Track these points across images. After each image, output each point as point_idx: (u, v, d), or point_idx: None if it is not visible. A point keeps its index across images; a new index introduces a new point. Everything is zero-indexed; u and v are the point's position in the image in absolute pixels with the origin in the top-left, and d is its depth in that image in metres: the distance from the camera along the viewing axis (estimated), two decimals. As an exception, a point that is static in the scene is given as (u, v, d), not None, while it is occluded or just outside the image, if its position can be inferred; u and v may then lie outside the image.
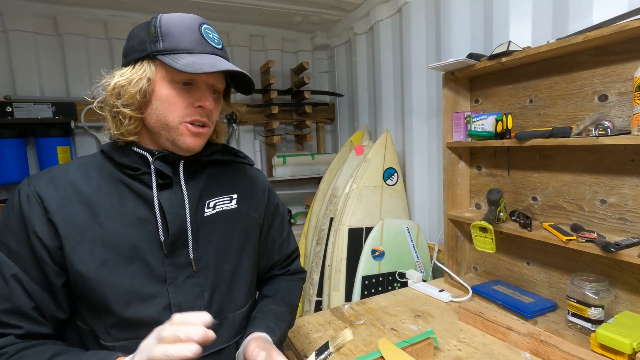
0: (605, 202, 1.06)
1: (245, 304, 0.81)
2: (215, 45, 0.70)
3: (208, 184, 0.78)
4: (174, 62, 0.63)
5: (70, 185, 0.67)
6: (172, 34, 0.65)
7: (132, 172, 0.69)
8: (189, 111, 0.68)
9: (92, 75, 2.14)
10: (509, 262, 1.38)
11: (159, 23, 0.66)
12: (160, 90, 0.67)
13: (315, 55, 2.84)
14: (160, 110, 0.67)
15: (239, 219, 0.80)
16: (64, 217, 0.64)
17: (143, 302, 0.67)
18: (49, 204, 0.64)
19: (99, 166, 0.71)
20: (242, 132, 2.59)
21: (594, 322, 0.99)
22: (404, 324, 1.20)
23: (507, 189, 1.34)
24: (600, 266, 1.09)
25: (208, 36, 0.69)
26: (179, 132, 0.68)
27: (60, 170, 0.69)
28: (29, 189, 0.65)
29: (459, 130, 1.39)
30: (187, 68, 0.62)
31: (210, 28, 0.71)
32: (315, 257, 1.90)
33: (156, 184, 0.69)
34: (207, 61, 0.65)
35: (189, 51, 0.66)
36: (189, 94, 0.68)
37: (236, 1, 2.07)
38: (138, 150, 0.70)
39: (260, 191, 0.87)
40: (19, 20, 1.94)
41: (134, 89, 0.65)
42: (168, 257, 0.69)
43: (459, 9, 1.56)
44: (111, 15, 2.13)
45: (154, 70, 0.66)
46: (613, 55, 1.01)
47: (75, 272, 0.64)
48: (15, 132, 1.86)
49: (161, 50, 0.65)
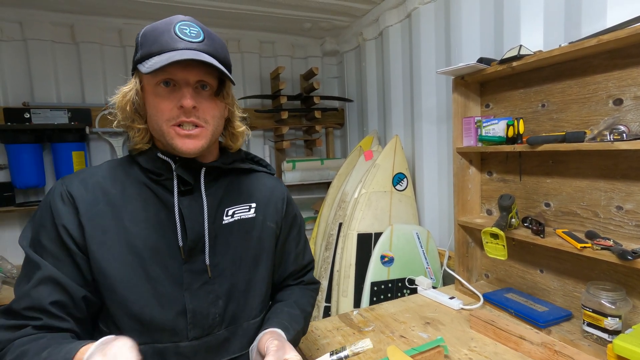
0: (622, 209, 1.04)
1: (260, 313, 0.81)
2: (191, 39, 0.65)
3: (228, 191, 0.79)
4: (143, 67, 0.64)
5: (99, 187, 0.70)
6: (147, 40, 0.66)
7: (155, 177, 0.71)
8: (173, 113, 0.66)
9: (107, 82, 2.19)
10: (521, 270, 1.35)
11: (140, 34, 0.68)
12: (148, 98, 0.68)
13: (324, 61, 2.85)
14: (152, 117, 0.69)
15: (257, 228, 0.80)
16: (91, 218, 0.67)
17: (160, 306, 0.68)
18: (79, 204, 0.67)
19: (126, 169, 0.74)
20: (252, 137, 2.61)
21: (610, 332, 0.96)
22: (414, 332, 1.18)
23: (519, 195, 1.32)
24: (617, 275, 1.06)
25: (183, 32, 0.65)
26: (170, 136, 0.67)
27: (91, 173, 0.72)
28: (62, 188, 0.68)
29: (470, 135, 1.38)
30: (149, 69, 0.61)
31: (188, 23, 0.67)
32: (324, 262, 1.89)
33: (177, 190, 0.71)
34: (173, 56, 0.62)
35: (159, 52, 0.64)
36: (172, 96, 0.66)
37: (246, 9, 2.10)
38: (162, 156, 0.71)
39: (279, 201, 0.87)
40: (37, 30, 2.00)
41: (123, 102, 0.68)
42: (185, 262, 0.70)
43: (469, 14, 1.55)
44: (125, 23, 2.18)
45: (138, 81, 0.68)
46: (628, 59, 0.99)
47: (98, 271, 0.66)
48: (33, 137, 1.92)
49: (138, 59, 0.67)
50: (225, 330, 0.74)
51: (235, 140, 0.80)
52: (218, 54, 0.68)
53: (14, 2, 1.88)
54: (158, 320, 0.67)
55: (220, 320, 0.73)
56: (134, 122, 0.70)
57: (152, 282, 0.67)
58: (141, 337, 0.67)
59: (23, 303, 0.62)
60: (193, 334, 0.70)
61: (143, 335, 0.67)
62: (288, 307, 0.84)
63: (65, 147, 1.97)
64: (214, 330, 0.72)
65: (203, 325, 0.71)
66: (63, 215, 0.66)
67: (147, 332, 0.67)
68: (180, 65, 0.64)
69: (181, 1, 1.95)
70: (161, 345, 0.68)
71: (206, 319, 0.71)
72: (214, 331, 0.72)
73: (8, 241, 2.00)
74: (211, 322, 0.72)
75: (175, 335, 0.69)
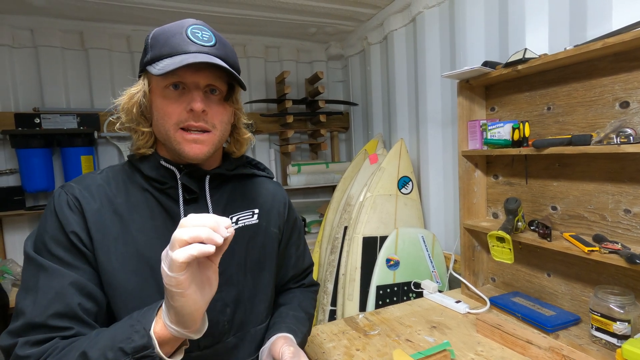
0: (630, 212, 1.03)
1: (266, 319, 0.81)
2: (203, 43, 0.65)
3: (231, 198, 0.78)
4: (153, 68, 0.62)
5: (104, 195, 0.68)
6: (157, 42, 0.65)
7: (159, 185, 0.70)
8: (182, 117, 0.65)
9: (115, 87, 2.23)
10: (528, 274, 1.34)
11: (150, 35, 0.67)
12: (156, 101, 0.66)
13: (329, 65, 2.87)
14: (159, 120, 0.67)
15: (260, 234, 0.80)
16: (99, 227, 0.64)
17: None
18: (87, 212, 0.64)
19: (128, 177, 0.72)
20: (258, 141, 2.63)
21: (619, 337, 0.95)
22: (420, 335, 1.18)
23: (525, 198, 1.32)
24: (625, 279, 1.05)
25: (195, 35, 0.65)
26: (177, 140, 0.66)
27: (92, 180, 0.70)
28: (67, 197, 0.65)
29: (475, 139, 1.38)
30: (160, 70, 0.60)
31: (200, 27, 0.66)
32: (329, 266, 1.89)
33: (182, 198, 0.70)
34: (185, 59, 0.61)
35: (170, 55, 0.63)
36: (181, 99, 0.65)
37: (252, 14, 2.12)
38: (165, 165, 0.70)
39: (280, 205, 0.87)
40: (48, 37, 2.04)
41: (130, 104, 0.67)
42: None
43: (473, 17, 1.55)
44: (134, 30, 2.22)
45: (146, 83, 0.67)
46: (635, 61, 0.98)
47: (107, 282, 0.64)
48: (43, 142, 1.95)
49: (148, 60, 0.66)
50: (234, 337, 0.73)
51: (240, 146, 0.80)
52: (229, 59, 0.67)
53: (25, 10, 1.92)
54: None
55: (228, 328, 0.72)
56: (139, 125, 0.68)
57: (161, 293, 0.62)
58: None
59: (50, 310, 0.57)
60: (204, 343, 0.69)
61: None
62: (293, 311, 0.84)
63: (74, 152, 2.00)
64: (223, 338, 0.72)
65: (213, 333, 0.70)
66: (72, 222, 0.63)
67: None
68: (191, 69, 0.63)
69: (189, 8, 1.98)
70: None
71: (216, 328, 0.70)
72: (223, 339, 0.72)
73: (18, 244, 2.04)
74: (221, 330, 0.71)
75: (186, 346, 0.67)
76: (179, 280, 0.49)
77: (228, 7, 2.03)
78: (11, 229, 2.05)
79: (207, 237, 0.49)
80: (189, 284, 0.50)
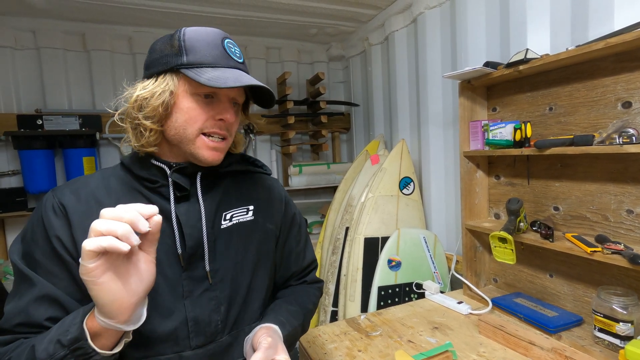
0: (632, 212, 1.02)
1: (261, 317, 0.80)
2: (237, 59, 0.70)
3: (225, 195, 0.77)
4: (198, 76, 0.64)
5: (92, 198, 0.67)
6: (195, 47, 0.66)
7: (150, 184, 0.70)
8: (208, 124, 0.68)
9: (117, 88, 2.21)
10: (530, 274, 1.34)
11: (183, 37, 0.67)
12: (182, 103, 0.67)
13: (330, 66, 2.87)
14: (180, 122, 0.67)
15: (256, 231, 0.79)
16: (84, 230, 0.63)
17: (161, 317, 0.66)
18: (72, 216, 0.64)
19: (120, 178, 0.72)
20: (259, 142, 2.63)
21: (622, 338, 0.95)
22: (422, 336, 1.18)
23: (527, 199, 1.31)
24: (628, 279, 1.04)
25: (230, 50, 0.69)
26: (196, 145, 0.68)
27: (84, 183, 0.70)
28: (53, 200, 0.65)
29: (476, 139, 1.37)
30: (212, 82, 0.63)
31: (232, 42, 0.71)
32: (331, 266, 1.89)
33: (174, 196, 0.69)
34: (230, 75, 0.65)
35: (212, 65, 0.66)
36: (210, 107, 0.68)
37: (253, 15, 2.13)
38: (156, 163, 0.70)
39: (277, 201, 0.86)
40: (50, 38, 2.05)
41: (156, 102, 0.65)
42: (185, 270, 0.69)
43: (475, 18, 1.55)
44: (135, 31, 2.23)
45: (177, 84, 0.66)
46: (637, 61, 0.98)
47: None
48: (45, 143, 1.96)
49: (185, 63, 0.65)
50: (228, 336, 0.73)
51: (239, 146, 0.81)
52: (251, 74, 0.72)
53: (27, 12, 1.93)
54: (159, 332, 0.66)
55: (222, 327, 0.72)
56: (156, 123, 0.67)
57: (152, 294, 0.63)
58: (143, 350, 0.65)
59: (15, 320, 0.60)
60: (196, 343, 0.68)
61: (144, 348, 0.65)
62: (286, 304, 0.83)
63: (76, 153, 2.01)
64: (216, 337, 0.71)
65: (205, 332, 0.69)
66: (56, 227, 0.63)
67: (149, 345, 0.65)
68: None
69: (190, 9, 1.99)
70: (164, 357, 0.66)
71: (209, 327, 0.70)
72: (216, 338, 0.71)
73: (20, 245, 2.04)
74: (214, 329, 0.70)
75: (177, 346, 0.67)
76: (87, 268, 0.49)
77: (229, 9, 2.03)
78: (13, 230, 2.05)
79: (122, 233, 0.48)
80: (101, 273, 0.50)
